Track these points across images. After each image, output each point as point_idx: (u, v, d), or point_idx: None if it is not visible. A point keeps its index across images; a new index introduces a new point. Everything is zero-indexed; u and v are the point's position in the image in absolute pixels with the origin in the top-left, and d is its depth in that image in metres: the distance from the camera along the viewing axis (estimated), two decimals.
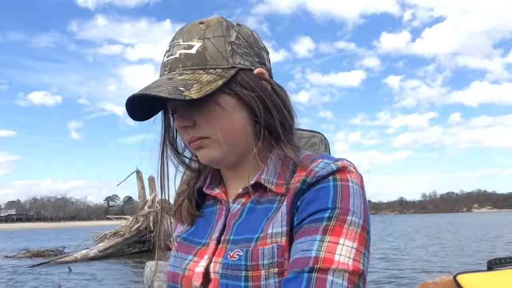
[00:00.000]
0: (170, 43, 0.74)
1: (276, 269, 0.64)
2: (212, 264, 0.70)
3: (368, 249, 0.64)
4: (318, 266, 0.59)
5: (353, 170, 0.70)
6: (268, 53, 0.79)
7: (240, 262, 0.66)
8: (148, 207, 18.28)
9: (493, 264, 1.47)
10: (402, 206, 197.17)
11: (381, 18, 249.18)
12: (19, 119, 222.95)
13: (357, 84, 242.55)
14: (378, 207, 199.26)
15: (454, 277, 1.42)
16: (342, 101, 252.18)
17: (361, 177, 0.71)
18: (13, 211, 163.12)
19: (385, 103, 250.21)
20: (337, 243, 0.61)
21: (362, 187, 0.69)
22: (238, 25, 0.75)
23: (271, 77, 0.77)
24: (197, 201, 0.81)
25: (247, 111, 0.71)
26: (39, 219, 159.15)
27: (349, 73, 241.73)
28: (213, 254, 0.71)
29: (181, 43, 0.72)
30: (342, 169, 0.68)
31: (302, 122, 0.80)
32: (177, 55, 0.71)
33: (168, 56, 0.72)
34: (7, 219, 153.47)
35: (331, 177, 0.67)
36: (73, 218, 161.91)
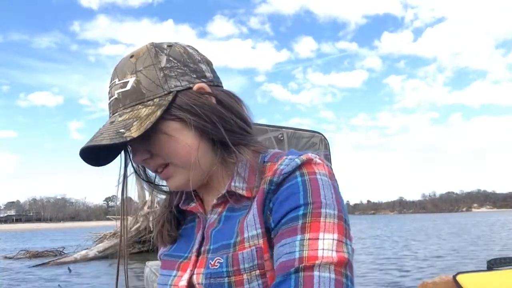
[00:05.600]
0: (109, 83, 0.75)
1: (258, 271, 0.65)
2: (194, 276, 0.70)
3: (349, 237, 0.65)
4: (304, 264, 0.60)
5: (319, 161, 0.70)
6: (209, 63, 0.78)
7: (222, 269, 0.67)
8: (148, 208, 18.28)
9: (493, 264, 1.47)
10: (401, 206, 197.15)
11: (383, 18, 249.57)
12: (20, 119, 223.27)
13: (358, 84, 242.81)
14: (378, 207, 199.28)
15: (454, 277, 1.42)
16: (343, 101, 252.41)
17: (330, 168, 0.71)
18: (12, 212, 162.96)
19: (386, 103, 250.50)
20: (318, 239, 0.62)
21: (331, 178, 0.69)
22: (169, 46, 0.75)
23: (217, 85, 0.76)
24: (178, 219, 0.82)
25: (195, 130, 0.71)
26: (38, 219, 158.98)
27: (351, 73, 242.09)
28: (194, 266, 0.72)
29: (117, 82, 0.73)
30: (307, 162, 0.68)
31: (303, 122, 0.81)
32: (116, 96, 0.72)
33: (109, 98, 0.74)
34: (7, 219, 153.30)
35: (297, 172, 0.67)
36: (73, 218, 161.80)
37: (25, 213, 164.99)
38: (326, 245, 0.61)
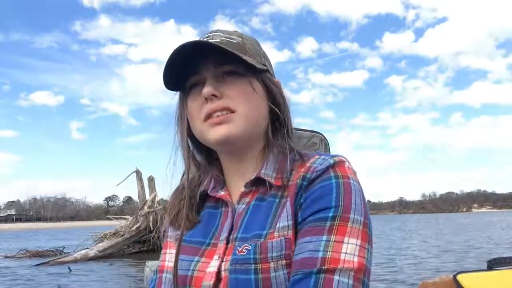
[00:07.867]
0: (204, 35, 0.78)
1: (284, 261, 0.67)
2: (223, 263, 0.71)
3: (371, 243, 0.67)
4: (326, 267, 0.62)
5: (350, 166, 0.74)
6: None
7: (249, 255, 0.68)
8: (148, 207, 18.26)
9: (493, 264, 1.47)
10: (402, 206, 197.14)
11: (385, 18, 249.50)
12: (21, 119, 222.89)
13: (359, 84, 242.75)
14: (378, 207, 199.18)
15: (454, 277, 1.42)
16: (344, 101, 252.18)
17: (356, 173, 0.74)
18: (12, 211, 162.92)
19: (387, 103, 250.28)
20: (342, 242, 0.64)
21: (360, 184, 0.72)
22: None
23: None
24: (197, 205, 0.82)
25: (269, 104, 0.79)
26: (38, 219, 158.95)
27: (352, 73, 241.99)
28: (224, 253, 0.73)
29: (221, 34, 0.77)
30: (340, 163, 0.72)
31: (304, 122, 0.85)
32: (218, 40, 0.75)
33: (206, 40, 0.75)
34: (7, 219, 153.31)
35: (332, 174, 0.71)
36: (73, 218, 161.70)
37: (25, 212, 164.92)
38: (349, 249, 0.64)
